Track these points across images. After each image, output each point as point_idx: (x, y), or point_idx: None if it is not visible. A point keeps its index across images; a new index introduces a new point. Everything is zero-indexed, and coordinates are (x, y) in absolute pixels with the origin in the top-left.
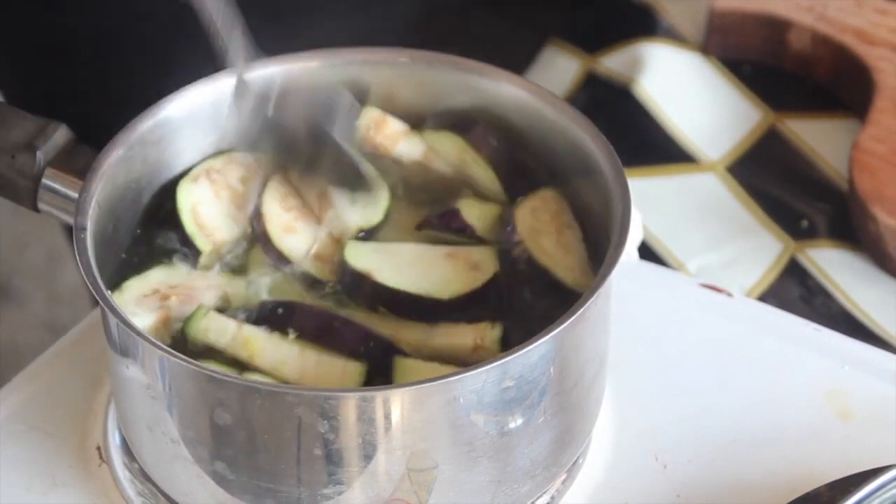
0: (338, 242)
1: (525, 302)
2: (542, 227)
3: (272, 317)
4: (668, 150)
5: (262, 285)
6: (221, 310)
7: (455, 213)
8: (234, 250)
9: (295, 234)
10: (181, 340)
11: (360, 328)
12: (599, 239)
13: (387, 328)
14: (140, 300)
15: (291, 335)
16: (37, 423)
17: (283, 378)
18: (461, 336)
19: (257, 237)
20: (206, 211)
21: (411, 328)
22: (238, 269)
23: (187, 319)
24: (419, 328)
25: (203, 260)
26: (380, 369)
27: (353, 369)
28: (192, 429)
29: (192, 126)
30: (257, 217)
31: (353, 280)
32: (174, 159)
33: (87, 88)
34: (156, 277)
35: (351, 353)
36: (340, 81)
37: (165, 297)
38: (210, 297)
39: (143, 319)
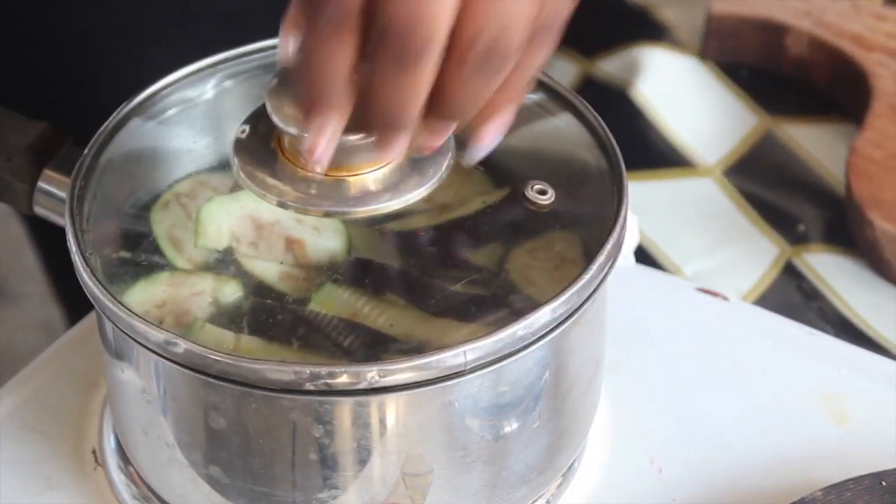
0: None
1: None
2: (537, 264)
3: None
4: (665, 154)
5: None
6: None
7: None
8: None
9: (261, 258)
10: None
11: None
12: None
13: (380, 321)
14: None
15: (295, 344)
16: (32, 425)
17: None
18: (453, 337)
19: (228, 261)
20: (182, 235)
21: (407, 320)
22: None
23: (185, 336)
24: (415, 320)
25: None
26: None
27: None
28: (187, 433)
29: (188, 124)
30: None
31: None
32: (171, 159)
33: (85, 90)
34: (138, 298)
35: (339, 348)
36: None
37: (159, 322)
38: (202, 306)
39: None
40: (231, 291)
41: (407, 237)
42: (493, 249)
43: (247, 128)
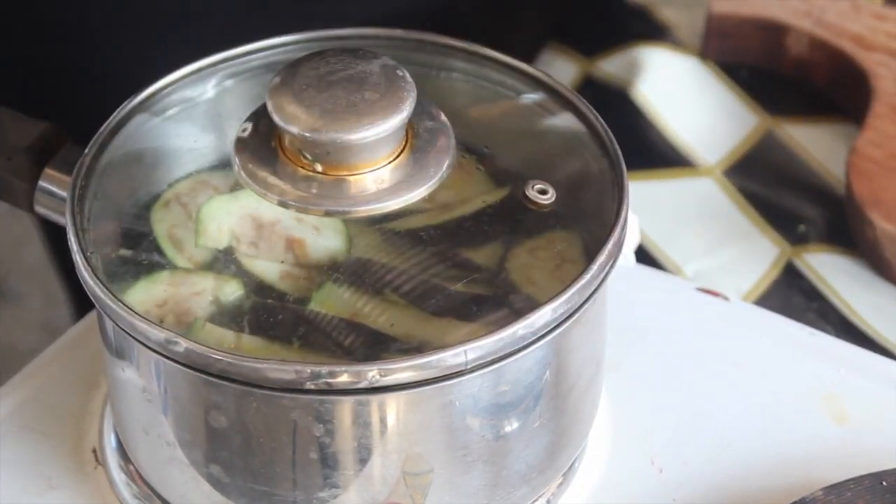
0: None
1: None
2: (537, 263)
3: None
4: (666, 154)
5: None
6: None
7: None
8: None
9: (261, 258)
10: None
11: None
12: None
13: (380, 321)
14: None
15: (295, 343)
16: (33, 425)
17: None
18: (454, 336)
19: (229, 261)
20: (182, 234)
21: (407, 320)
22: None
23: (186, 335)
24: (415, 320)
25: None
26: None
27: None
28: (188, 432)
29: (189, 123)
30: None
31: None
32: (171, 158)
33: (85, 89)
34: (139, 297)
35: (340, 347)
36: None
37: (160, 321)
38: (202, 305)
39: None
40: (231, 290)
41: (407, 237)
42: (494, 249)
43: (248, 127)
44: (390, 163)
